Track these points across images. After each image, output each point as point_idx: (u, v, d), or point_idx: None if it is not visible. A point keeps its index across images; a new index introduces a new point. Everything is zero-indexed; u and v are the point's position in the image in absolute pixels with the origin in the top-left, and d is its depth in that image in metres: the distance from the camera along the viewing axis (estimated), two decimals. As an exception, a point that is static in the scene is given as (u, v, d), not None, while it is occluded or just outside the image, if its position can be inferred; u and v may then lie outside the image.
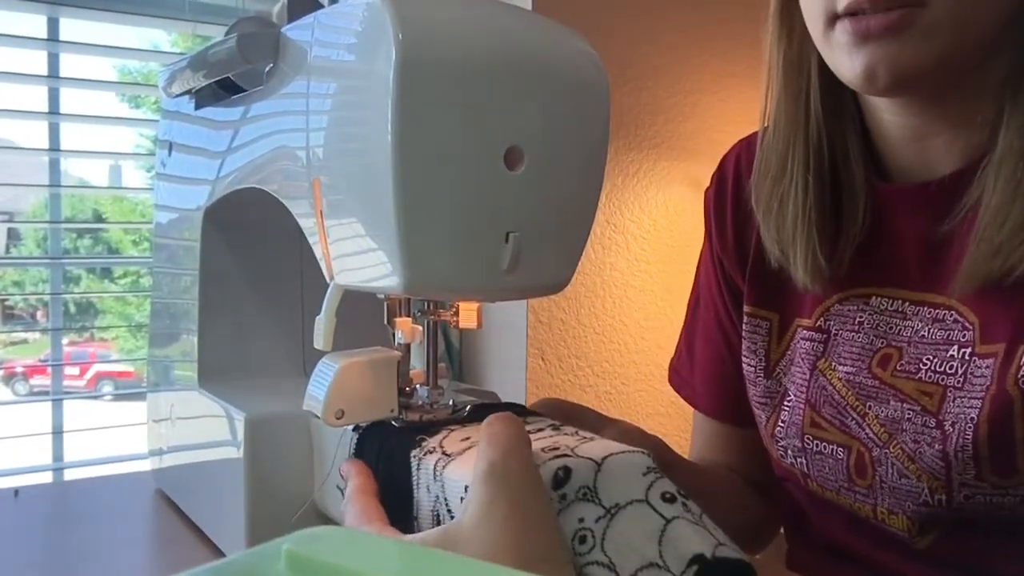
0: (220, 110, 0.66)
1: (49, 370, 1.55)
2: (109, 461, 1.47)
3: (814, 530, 0.67)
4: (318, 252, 0.51)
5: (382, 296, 0.53)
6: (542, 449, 0.43)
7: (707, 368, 0.75)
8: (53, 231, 1.50)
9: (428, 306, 0.54)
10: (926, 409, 0.56)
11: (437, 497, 0.44)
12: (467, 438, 0.47)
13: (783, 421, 0.65)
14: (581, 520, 0.41)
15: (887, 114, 0.59)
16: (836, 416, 0.61)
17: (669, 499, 0.42)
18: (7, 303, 4.18)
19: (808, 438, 0.63)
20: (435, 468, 0.44)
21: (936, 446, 0.54)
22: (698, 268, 0.78)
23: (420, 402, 0.54)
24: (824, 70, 0.59)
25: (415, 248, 0.43)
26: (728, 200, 0.72)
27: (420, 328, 0.55)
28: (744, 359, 0.69)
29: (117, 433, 1.51)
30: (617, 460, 0.42)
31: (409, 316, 0.55)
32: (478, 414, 0.53)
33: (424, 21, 0.43)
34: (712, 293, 0.74)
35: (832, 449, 0.61)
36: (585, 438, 0.46)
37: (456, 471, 0.43)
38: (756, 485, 0.74)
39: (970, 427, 0.53)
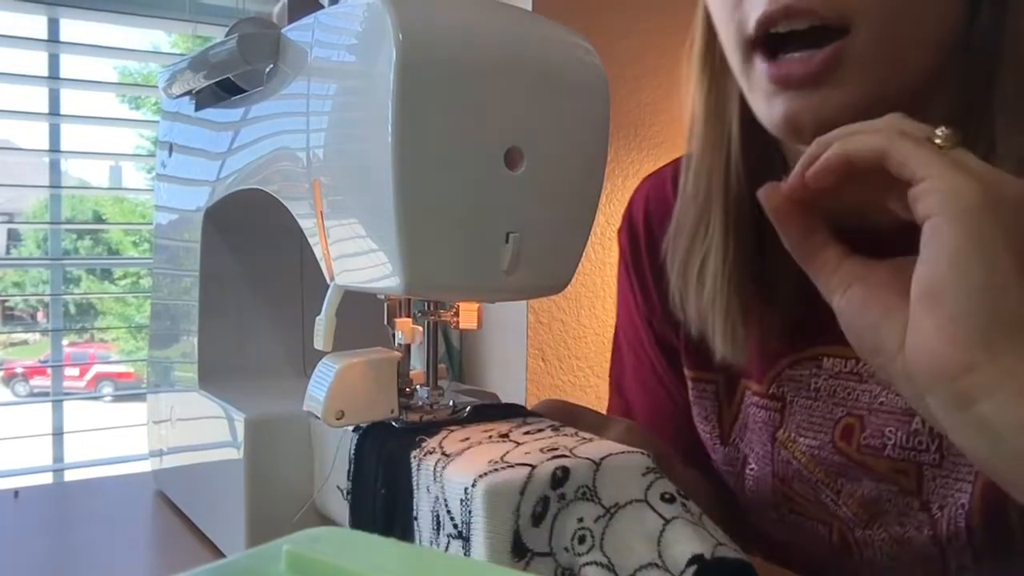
0: (220, 111, 0.66)
1: (49, 371, 1.56)
2: (109, 462, 1.48)
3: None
4: (318, 253, 0.51)
5: (382, 297, 0.53)
6: (540, 449, 0.43)
7: (651, 417, 0.69)
8: (53, 232, 1.50)
9: (428, 307, 0.54)
10: (905, 490, 0.52)
11: (437, 498, 0.44)
12: (467, 438, 0.47)
13: (751, 491, 0.61)
14: (580, 520, 0.41)
15: None
16: (810, 491, 0.57)
17: (668, 499, 0.42)
18: (7, 304, 4.19)
19: (784, 511, 0.59)
20: (435, 469, 0.44)
21: (926, 531, 0.51)
22: (620, 311, 0.72)
23: (420, 403, 0.54)
24: (746, 121, 0.54)
25: (415, 249, 0.43)
26: (644, 259, 0.67)
27: (420, 329, 0.55)
28: (699, 425, 0.65)
29: (117, 434, 1.51)
30: (616, 460, 0.42)
31: (409, 317, 0.55)
32: (478, 414, 0.53)
33: (424, 21, 0.43)
34: (646, 349, 0.69)
35: (812, 525, 0.57)
36: (584, 439, 0.46)
37: (456, 471, 0.43)
38: None
39: (961, 514, 0.50)
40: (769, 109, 0.49)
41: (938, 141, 0.39)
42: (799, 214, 0.42)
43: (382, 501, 0.48)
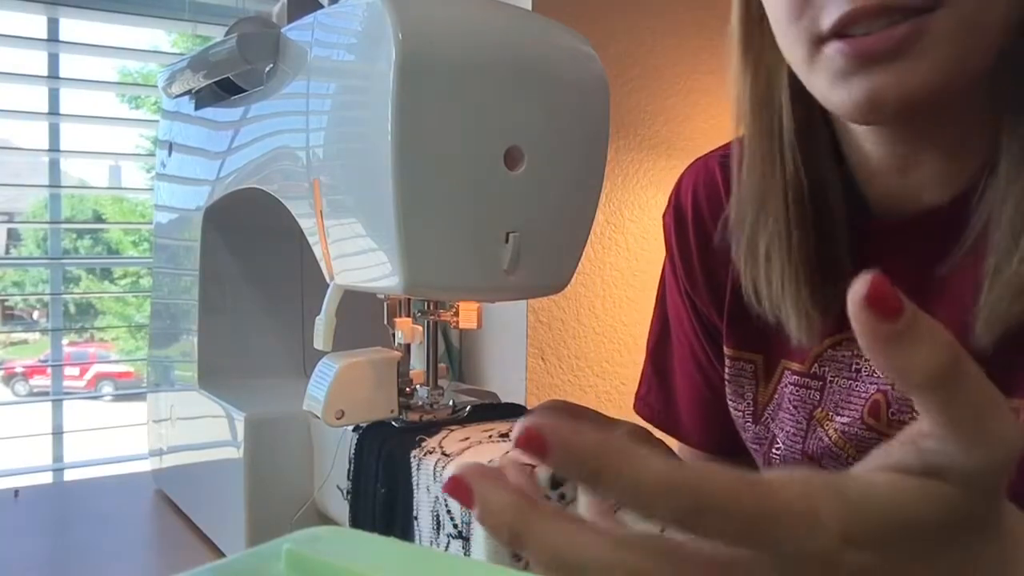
0: (220, 110, 0.66)
1: (49, 370, 1.55)
2: (109, 462, 1.47)
3: None
4: (318, 252, 0.51)
5: (382, 296, 0.53)
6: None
7: (691, 403, 0.70)
8: (53, 231, 1.50)
9: (428, 306, 0.54)
10: None
11: (437, 497, 0.44)
12: (467, 438, 0.47)
13: (778, 468, 0.62)
14: (581, 520, 0.41)
15: (869, 144, 0.55)
16: (842, 467, 0.56)
17: (669, 499, 0.42)
18: (7, 303, 4.19)
19: None
20: (435, 468, 0.44)
21: None
22: (661, 293, 0.73)
23: (420, 402, 0.54)
24: (796, 104, 0.54)
25: (415, 248, 0.43)
26: (691, 238, 0.67)
27: (420, 328, 0.55)
28: (731, 403, 0.65)
29: (117, 433, 1.51)
30: (617, 460, 0.42)
31: (409, 316, 0.55)
32: (478, 414, 0.53)
33: (424, 21, 0.43)
34: (685, 329, 0.70)
35: None
36: (585, 438, 0.46)
37: (456, 471, 0.43)
38: None
39: None
40: (847, 91, 0.47)
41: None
42: None
43: (382, 500, 0.48)
